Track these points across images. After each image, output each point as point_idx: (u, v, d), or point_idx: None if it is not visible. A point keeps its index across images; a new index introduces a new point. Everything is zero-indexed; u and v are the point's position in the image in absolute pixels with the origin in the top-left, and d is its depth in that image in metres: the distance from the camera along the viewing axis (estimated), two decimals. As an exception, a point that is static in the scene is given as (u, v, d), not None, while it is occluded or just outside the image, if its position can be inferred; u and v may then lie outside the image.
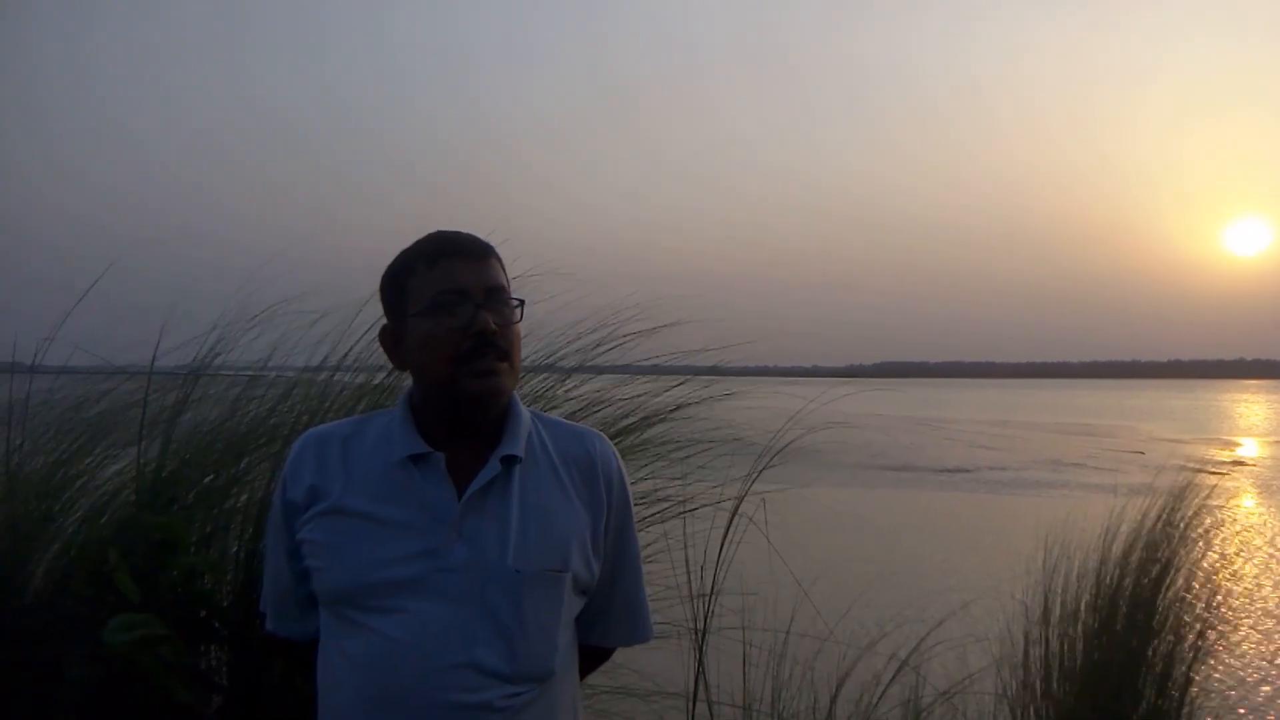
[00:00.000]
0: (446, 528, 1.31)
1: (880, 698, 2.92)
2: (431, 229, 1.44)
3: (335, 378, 3.15)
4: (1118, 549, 3.23)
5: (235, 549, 2.73)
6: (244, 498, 2.81)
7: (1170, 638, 3.09)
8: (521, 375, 3.31)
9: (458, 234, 1.41)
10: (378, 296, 1.46)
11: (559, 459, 1.42)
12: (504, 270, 1.43)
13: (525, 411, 1.44)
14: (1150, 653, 3.05)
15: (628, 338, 3.38)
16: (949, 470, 17.84)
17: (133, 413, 2.89)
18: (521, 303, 1.42)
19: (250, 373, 3.21)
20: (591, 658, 1.55)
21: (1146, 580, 3.13)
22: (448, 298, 1.35)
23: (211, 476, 2.78)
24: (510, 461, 1.37)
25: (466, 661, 1.28)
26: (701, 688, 2.95)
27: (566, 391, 3.31)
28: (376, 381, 3.02)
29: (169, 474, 2.75)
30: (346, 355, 3.10)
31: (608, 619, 1.51)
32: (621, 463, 1.49)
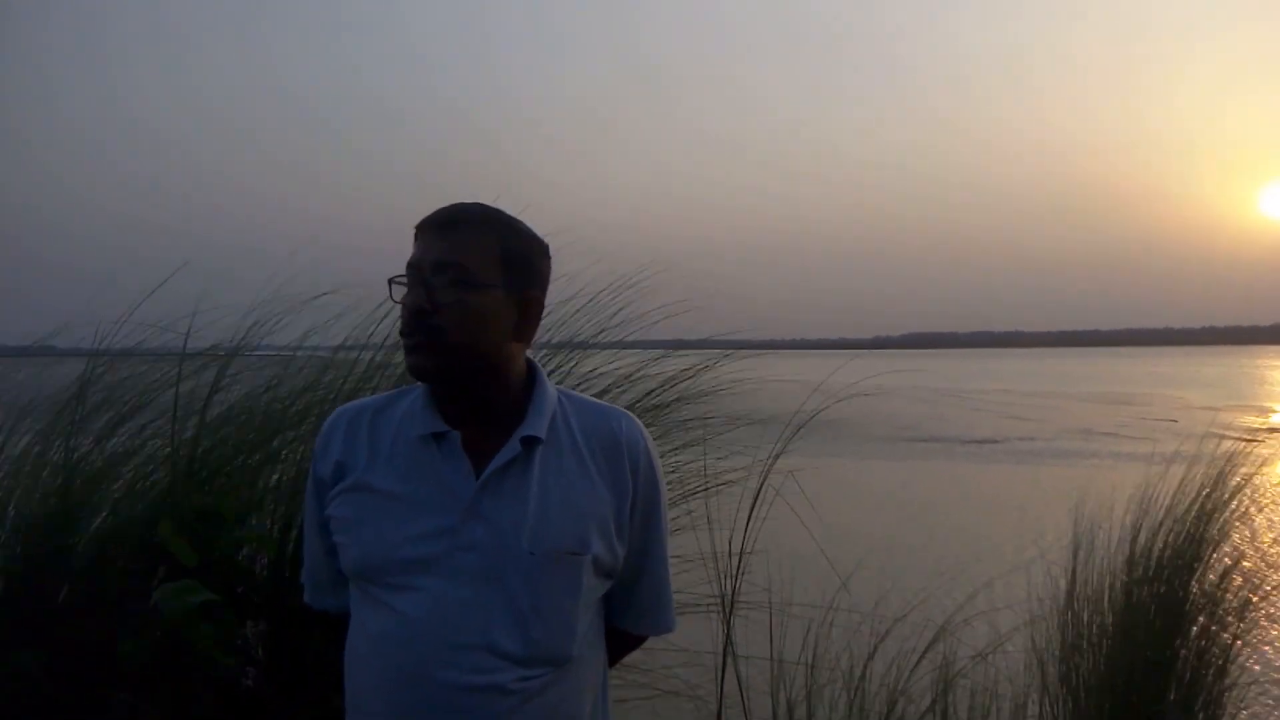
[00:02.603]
0: (463, 507, 1.31)
1: (913, 669, 2.93)
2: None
3: (364, 355, 3.18)
4: (1150, 519, 3.20)
5: (270, 525, 2.77)
6: (276, 476, 2.85)
7: (1207, 611, 3.06)
8: (548, 351, 3.35)
9: (450, 206, 1.37)
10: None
11: (583, 439, 1.39)
12: (490, 244, 1.34)
13: (552, 390, 1.41)
14: (1187, 623, 3.02)
15: (651, 313, 3.38)
16: (978, 441, 17.72)
17: (168, 394, 2.93)
18: (493, 281, 1.33)
19: (286, 353, 3.25)
20: (620, 643, 1.53)
21: (1181, 552, 3.10)
22: (408, 274, 1.35)
23: (244, 455, 2.82)
24: (531, 442, 1.34)
25: (481, 642, 1.27)
26: (730, 659, 2.97)
27: (594, 369, 3.32)
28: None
29: (204, 452, 2.79)
30: (373, 334, 3.14)
31: (635, 604, 1.48)
32: (651, 444, 1.45)
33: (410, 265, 1.34)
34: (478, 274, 1.33)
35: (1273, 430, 19.46)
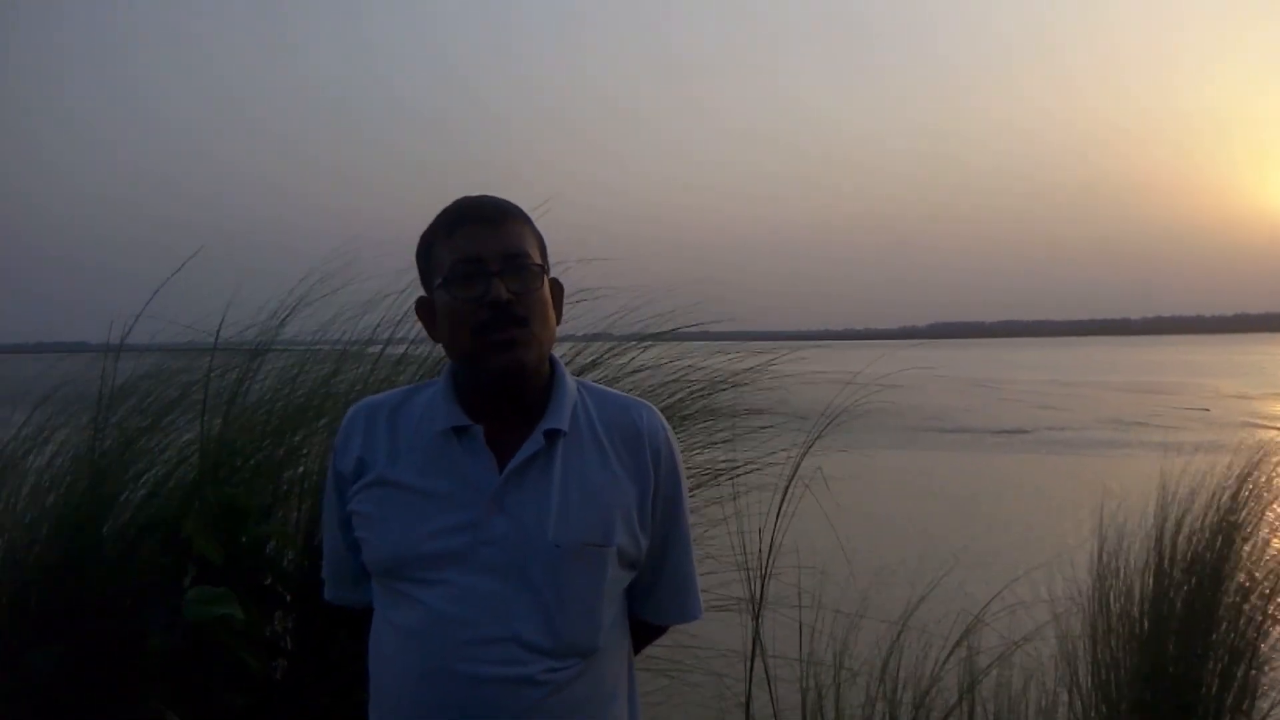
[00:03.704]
0: (487, 500, 1.30)
1: (943, 664, 2.91)
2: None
3: (389, 350, 3.19)
4: (1183, 510, 3.15)
5: (295, 518, 2.80)
6: (300, 469, 2.87)
7: (1240, 603, 3.02)
8: (582, 345, 3.35)
9: (480, 199, 1.37)
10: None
11: (604, 430, 1.39)
12: (532, 233, 1.38)
13: (571, 382, 1.41)
14: (1220, 615, 2.98)
15: (677, 310, 3.38)
16: (1006, 431, 17.58)
17: (197, 391, 2.96)
18: (545, 268, 1.37)
19: (311, 346, 3.27)
20: (644, 633, 1.53)
21: (1214, 542, 3.05)
22: (464, 267, 1.32)
23: (269, 446, 2.85)
24: (554, 435, 1.34)
25: (508, 635, 1.27)
26: (759, 649, 2.97)
27: (631, 361, 3.32)
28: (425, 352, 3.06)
29: (230, 446, 2.82)
30: (398, 326, 3.14)
31: (658, 595, 1.48)
32: (672, 434, 1.45)
33: (469, 259, 1.31)
34: (537, 262, 1.36)
35: (1308, 418, 19.16)
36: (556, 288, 1.41)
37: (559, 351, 1.50)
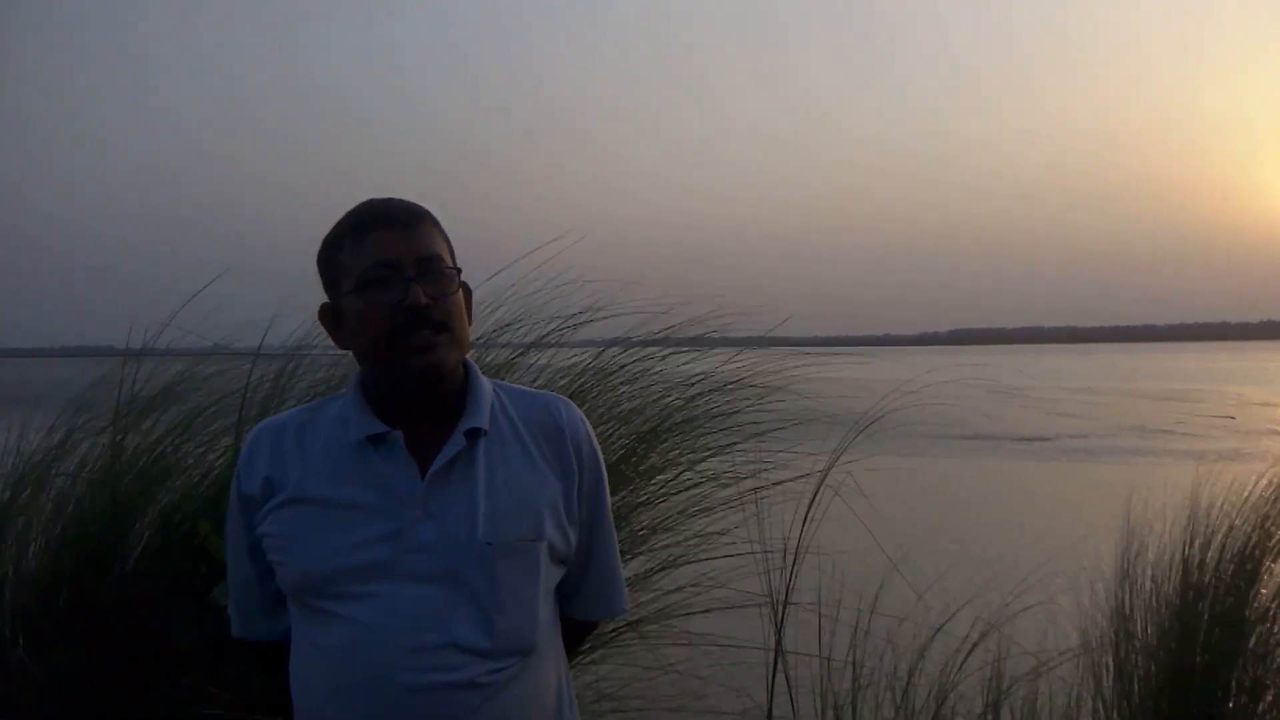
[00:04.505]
0: (411, 507, 1.28)
1: (959, 667, 2.90)
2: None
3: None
4: (1208, 519, 3.13)
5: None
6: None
7: (1268, 615, 2.98)
8: (599, 350, 3.36)
9: (388, 201, 1.34)
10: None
11: (525, 427, 1.38)
12: (442, 236, 1.36)
13: (487, 382, 1.40)
14: (1247, 627, 2.95)
15: (699, 315, 3.38)
16: (1027, 439, 17.44)
17: (232, 398, 2.99)
18: (458, 270, 1.35)
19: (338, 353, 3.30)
20: (573, 632, 1.51)
21: (1240, 553, 3.02)
22: (377, 272, 1.28)
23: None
24: (475, 435, 1.33)
25: (445, 641, 1.25)
26: (781, 652, 2.96)
27: (648, 368, 3.33)
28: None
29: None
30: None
31: (585, 590, 1.47)
32: (590, 428, 1.44)
33: (383, 264, 1.29)
34: (451, 265, 1.35)
35: (1336, 427, 18.91)
36: (466, 291, 1.39)
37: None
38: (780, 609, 2.96)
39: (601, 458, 1.45)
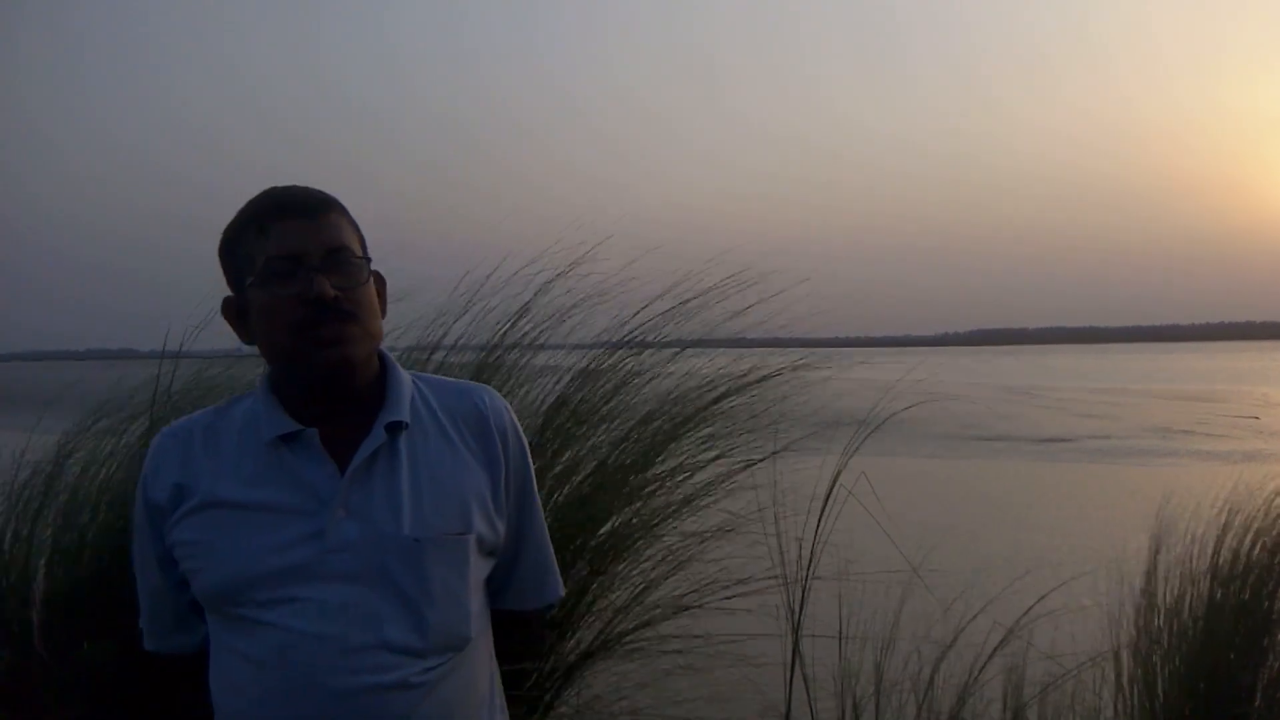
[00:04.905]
0: (330, 506, 1.23)
1: (982, 669, 2.88)
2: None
3: (436, 356, 3.23)
4: (1235, 520, 3.10)
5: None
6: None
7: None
8: (613, 350, 3.37)
9: (290, 190, 1.29)
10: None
11: (447, 418, 1.34)
12: (351, 225, 1.31)
13: (405, 374, 1.35)
14: (1274, 629, 2.92)
15: (715, 311, 3.38)
16: (1048, 440, 17.31)
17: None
18: (368, 260, 1.30)
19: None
20: (510, 626, 1.46)
21: (1270, 553, 2.99)
22: (281, 264, 1.23)
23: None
24: (395, 428, 1.28)
25: (375, 641, 1.21)
26: (798, 659, 2.96)
27: (665, 367, 3.33)
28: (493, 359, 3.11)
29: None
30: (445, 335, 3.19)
31: (518, 580, 1.43)
32: (514, 415, 1.40)
33: (288, 256, 1.23)
34: (360, 255, 1.30)
35: (1363, 427, 18.67)
36: (380, 280, 1.35)
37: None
38: (797, 611, 2.95)
39: (526, 444, 1.41)
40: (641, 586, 3.23)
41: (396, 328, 3.26)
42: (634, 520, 3.22)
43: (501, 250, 3.33)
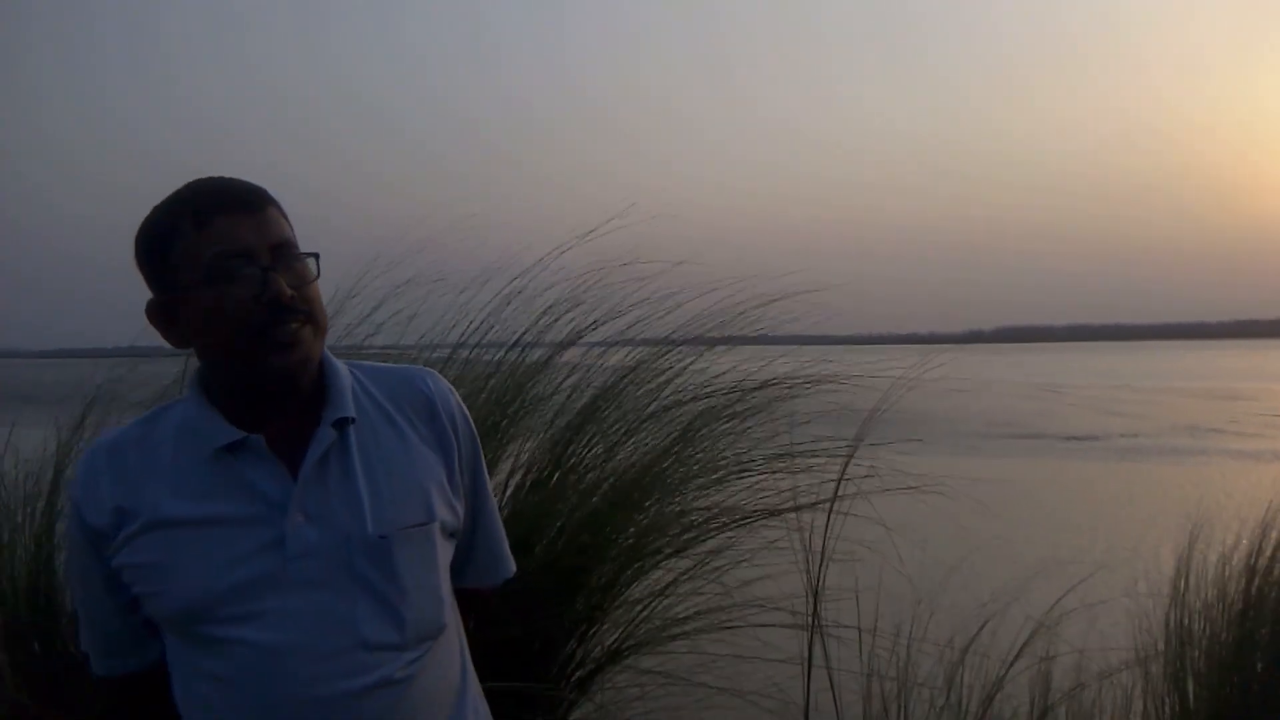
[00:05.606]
0: (287, 513, 1.18)
1: (1005, 672, 2.86)
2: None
3: (458, 355, 3.24)
4: (1271, 520, 3.05)
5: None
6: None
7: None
8: (627, 350, 3.37)
9: (224, 183, 1.21)
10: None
11: (392, 406, 1.29)
12: (287, 219, 1.24)
13: (342, 366, 1.29)
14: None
15: (741, 312, 3.38)
16: (1077, 438, 17.14)
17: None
18: (316, 256, 1.24)
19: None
20: (469, 602, 1.42)
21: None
22: (228, 263, 1.16)
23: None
24: (343, 424, 1.23)
25: (353, 643, 1.17)
26: (820, 655, 2.94)
27: (692, 365, 3.33)
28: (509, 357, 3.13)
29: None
30: (465, 332, 3.20)
31: (476, 558, 1.41)
32: (459, 396, 1.36)
33: (235, 254, 1.16)
34: (305, 251, 1.24)
35: (1399, 425, 18.35)
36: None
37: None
38: (816, 608, 2.94)
39: (473, 424, 1.37)
40: (667, 583, 3.24)
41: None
42: (660, 526, 3.22)
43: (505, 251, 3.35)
